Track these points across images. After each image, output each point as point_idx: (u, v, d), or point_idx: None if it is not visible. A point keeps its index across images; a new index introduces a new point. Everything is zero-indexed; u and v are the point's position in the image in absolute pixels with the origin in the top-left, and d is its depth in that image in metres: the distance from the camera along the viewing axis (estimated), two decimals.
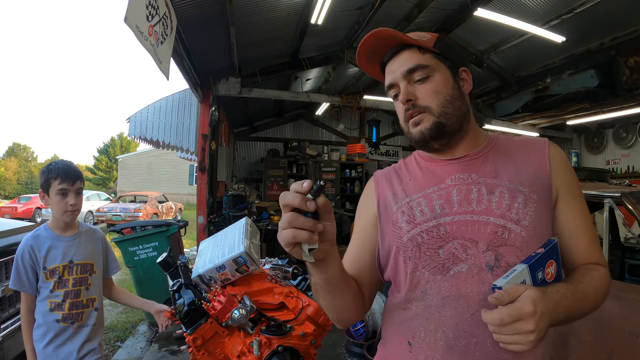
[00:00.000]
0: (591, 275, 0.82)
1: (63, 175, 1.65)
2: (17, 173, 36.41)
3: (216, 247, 1.64)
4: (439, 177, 0.92)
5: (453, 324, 0.80)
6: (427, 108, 0.88)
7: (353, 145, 8.83)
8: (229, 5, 3.43)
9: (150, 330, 4.15)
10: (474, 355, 0.79)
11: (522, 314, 0.66)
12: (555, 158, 0.90)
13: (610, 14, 4.32)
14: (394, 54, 0.92)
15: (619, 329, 2.09)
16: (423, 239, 0.85)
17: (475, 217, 0.84)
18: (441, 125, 0.88)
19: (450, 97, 0.89)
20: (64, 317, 1.68)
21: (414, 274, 0.86)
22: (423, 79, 0.89)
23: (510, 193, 0.85)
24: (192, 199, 21.53)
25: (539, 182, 0.87)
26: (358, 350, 2.40)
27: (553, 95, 5.72)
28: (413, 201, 0.90)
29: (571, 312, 0.75)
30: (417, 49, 0.90)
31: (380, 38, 0.89)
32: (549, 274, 0.78)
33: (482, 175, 0.88)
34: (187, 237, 7.25)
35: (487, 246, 0.81)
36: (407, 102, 0.89)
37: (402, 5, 4.47)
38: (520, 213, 0.82)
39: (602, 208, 2.61)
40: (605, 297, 0.83)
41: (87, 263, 1.76)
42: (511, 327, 0.66)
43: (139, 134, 5.61)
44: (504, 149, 0.93)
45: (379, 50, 0.93)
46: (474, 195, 0.86)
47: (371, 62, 0.96)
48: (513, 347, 0.68)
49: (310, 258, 0.69)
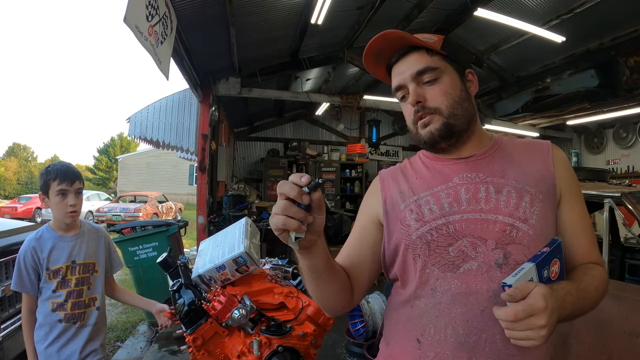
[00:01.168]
0: (591, 274, 0.84)
1: (62, 176, 1.65)
2: (17, 173, 36.40)
3: (216, 247, 1.64)
4: (447, 176, 0.93)
5: (463, 320, 0.82)
6: (437, 109, 0.89)
7: (353, 145, 8.82)
8: (229, 5, 3.43)
9: (150, 330, 4.15)
10: (484, 351, 0.81)
11: (535, 309, 0.68)
12: (558, 160, 0.92)
13: (610, 14, 4.32)
14: (401, 56, 0.93)
15: (619, 329, 2.09)
16: (432, 236, 0.86)
17: (484, 215, 0.85)
18: (450, 125, 0.89)
19: (459, 98, 0.90)
20: (66, 317, 1.68)
21: (423, 271, 0.87)
22: (432, 81, 0.90)
23: (517, 192, 0.86)
24: (192, 199, 21.53)
25: (544, 182, 0.89)
26: (358, 350, 2.40)
27: (553, 95, 5.72)
28: (421, 199, 0.91)
29: (574, 309, 0.77)
30: (425, 50, 0.91)
31: (388, 40, 0.90)
32: (554, 272, 0.81)
33: (489, 174, 0.90)
34: (187, 237, 7.25)
35: (496, 244, 0.83)
36: (417, 103, 0.90)
37: (402, 5, 4.47)
38: (528, 212, 0.84)
39: (602, 208, 2.61)
40: (603, 295, 0.85)
41: (89, 262, 1.76)
42: (524, 322, 0.68)
43: (139, 134, 5.61)
44: (509, 150, 0.95)
45: (385, 52, 0.94)
46: (482, 194, 0.87)
47: (378, 64, 0.97)
48: (524, 343, 0.70)
49: (295, 245, 0.74)
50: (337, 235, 5.98)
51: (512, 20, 4.31)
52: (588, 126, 7.25)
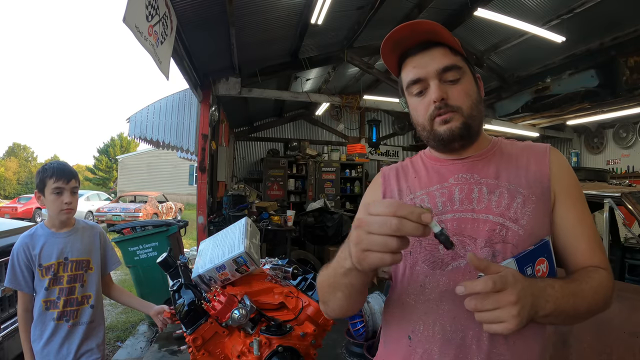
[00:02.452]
0: (589, 275, 0.82)
1: (58, 174, 1.65)
2: (17, 173, 36.40)
3: (216, 247, 1.64)
4: (443, 176, 0.94)
5: (450, 317, 0.83)
6: (459, 109, 0.89)
7: (353, 145, 8.82)
8: (229, 5, 3.43)
9: (150, 330, 4.15)
10: (470, 348, 0.81)
11: (503, 283, 0.65)
12: (555, 163, 0.92)
13: (610, 14, 4.32)
14: (423, 49, 0.91)
15: (619, 329, 2.09)
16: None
17: (475, 215, 0.86)
18: (469, 126, 0.90)
19: (476, 100, 0.92)
20: (59, 315, 1.68)
21: (413, 268, 0.89)
22: (455, 80, 0.89)
23: (509, 193, 0.87)
24: (192, 199, 21.52)
25: (539, 185, 0.89)
26: (358, 350, 2.41)
27: (553, 95, 5.71)
28: (417, 198, 0.94)
29: (562, 305, 0.73)
30: (449, 48, 0.90)
31: (416, 31, 0.88)
32: (540, 271, 0.80)
33: (483, 176, 0.91)
34: (187, 237, 7.25)
35: (485, 243, 0.84)
36: (441, 100, 0.89)
37: (402, 5, 4.47)
38: (519, 212, 0.85)
39: (602, 208, 2.61)
40: (605, 299, 0.82)
41: (82, 260, 1.76)
42: (493, 298, 0.65)
43: (139, 134, 5.60)
44: (507, 153, 0.95)
45: (405, 42, 0.91)
46: (475, 195, 0.88)
47: (392, 52, 0.94)
48: (497, 327, 0.66)
49: (384, 274, 0.73)
50: (337, 235, 5.98)
51: (512, 20, 4.31)
52: (588, 126, 7.24)
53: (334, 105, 7.78)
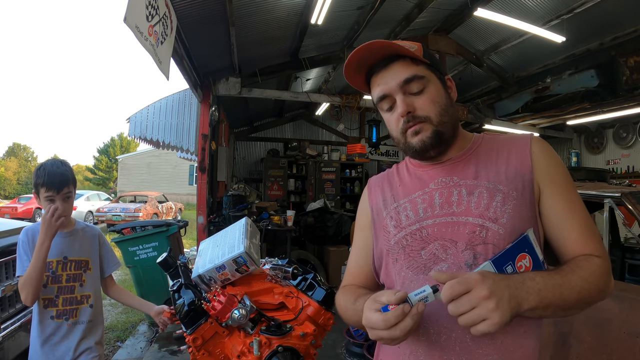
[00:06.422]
0: (578, 265, 0.80)
1: (49, 184, 1.62)
2: (17, 173, 36.40)
3: (216, 247, 1.64)
4: (424, 182, 0.95)
5: (433, 319, 0.84)
6: (426, 118, 0.89)
7: (353, 145, 8.81)
8: (229, 5, 3.43)
9: (150, 330, 4.15)
10: (454, 350, 0.82)
11: (471, 282, 0.68)
12: (537, 153, 0.90)
13: (610, 14, 4.32)
14: (384, 66, 0.91)
15: (619, 329, 2.09)
16: (407, 241, 0.90)
17: (455, 218, 0.87)
18: (440, 133, 0.90)
19: (445, 105, 0.91)
20: (58, 314, 1.69)
21: (399, 274, 0.91)
22: (419, 90, 0.89)
23: (488, 193, 0.87)
24: (192, 199, 21.53)
25: (520, 179, 0.88)
26: (358, 350, 2.41)
27: (553, 95, 5.71)
28: (400, 206, 0.95)
29: (547, 297, 0.73)
30: (409, 59, 0.90)
31: (372, 50, 0.89)
32: (522, 267, 0.80)
33: (463, 177, 0.91)
34: (187, 237, 7.25)
35: (466, 245, 0.84)
36: (407, 114, 0.89)
37: (402, 5, 4.46)
38: (499, 211, 0.85)
39: (602, 208, 2.61)
40: (599, 288, 0.80)
41: (81, 260, 1.76)
42: (466, 298, 0.68)
43: (139, 134, 5.60)
44: (487, 150, 0.94)
45: (367, 61, 0.92)
46: (454, 198, 0.89)
47: (357, 73, 0.96)
48: (482, 327, 0.67)
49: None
50: (337, 235, 5.99)
51: (512, 20, 4.31)
52: (588, 126, 7.24)
53: (334, 105, 7.77)
